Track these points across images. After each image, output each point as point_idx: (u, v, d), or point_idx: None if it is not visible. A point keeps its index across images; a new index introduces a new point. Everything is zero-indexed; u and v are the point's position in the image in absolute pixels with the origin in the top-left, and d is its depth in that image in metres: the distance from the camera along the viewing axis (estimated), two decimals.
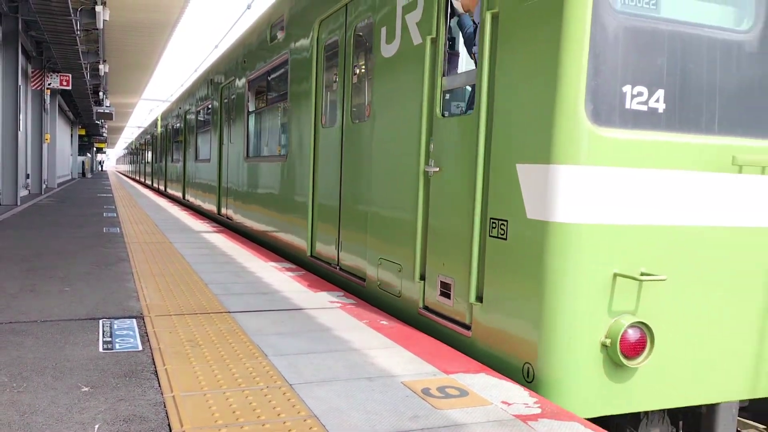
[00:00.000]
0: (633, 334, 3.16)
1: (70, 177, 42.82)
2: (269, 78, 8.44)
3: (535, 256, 3.24)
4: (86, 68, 20.95)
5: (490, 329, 3.56)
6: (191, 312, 4.44)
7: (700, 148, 3.30)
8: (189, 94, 15.73)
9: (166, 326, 4.03)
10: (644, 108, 3.22)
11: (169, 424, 2.53)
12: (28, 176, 19.90)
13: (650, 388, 3.28)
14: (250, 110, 9.35)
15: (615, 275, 3.19)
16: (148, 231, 9.57)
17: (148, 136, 29.31)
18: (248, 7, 17.16)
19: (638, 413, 3.47)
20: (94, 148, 67.79)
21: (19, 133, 15.80)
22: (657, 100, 3.24)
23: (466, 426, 2.61)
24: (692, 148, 3.28)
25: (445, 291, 4.04)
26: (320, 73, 6.42)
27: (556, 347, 3.16)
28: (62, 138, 34.91)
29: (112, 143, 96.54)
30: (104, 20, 14.51)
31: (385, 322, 4.32)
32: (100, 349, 3.51)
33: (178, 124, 17.59)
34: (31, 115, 20.37)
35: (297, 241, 6.96)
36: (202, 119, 13.66)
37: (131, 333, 3.85)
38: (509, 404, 2.88)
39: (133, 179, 44.55)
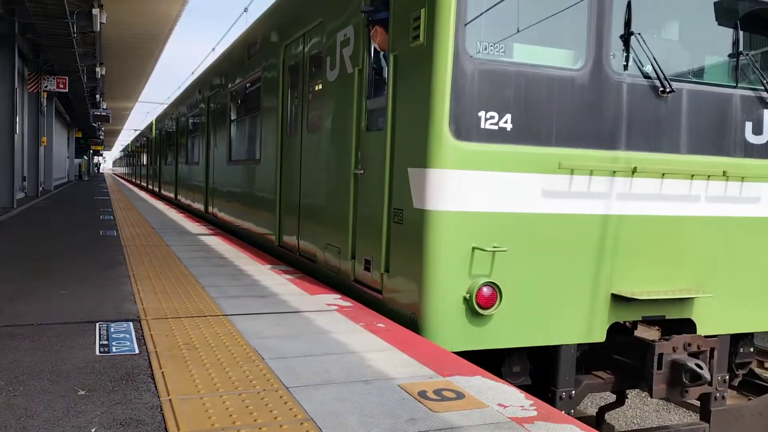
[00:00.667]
0: (486, 291, 4.26)
1: (66, 179, 42.74)
2: (246, 91, 9.47)
3: (418, 235, 4.34)
4: (83, 71, 20.93)
5: (392, 291, 4.69)
6: (188, 315, 4.44)
7: (538, 156, 4.39)
8: (180, 101, 16.87)
9: (162, 329, 4.03)
10: (495, 127, 4.29)
11: (165, 428, 2.53)
12: (24, 179, 19.86)
13: (501, 332, 4.35)
14: (231, 119, 10.34)
15: (473, 248, 4.26)
16: (144, 234, 9.56)
17: (144, 140, 30.81)
18: (245, 10, 17.17)
19: (503, 355, 4.56)
20: (91, 151, 67.66)
21: (16, 135, 15.78)
22: (506, 122, 4.32)
23: (463, 429, 2.62)
24: (532, 156, 4.37)
25: (367, 266, 5.12)
26: (285, 90, 7.47)
27: (431, 302, 4.26)
28: (59, 141, 34.85)
29: (108, 146, 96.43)
30: (101, 23, 14.51)
31: (381, 325, 4.32)
32: (97, 353, 3.50)
33: (170, 129, 18.62)
34: (28, 117, 20.34)
35: (268, 233, 8.03)
36: (191, 125, 14.66)
37: (128, 336, 3.85)
38: (505, 407, 2.89)
39: (129, 181, 45.51)
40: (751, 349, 5.40)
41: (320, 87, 6.34)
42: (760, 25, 4.97)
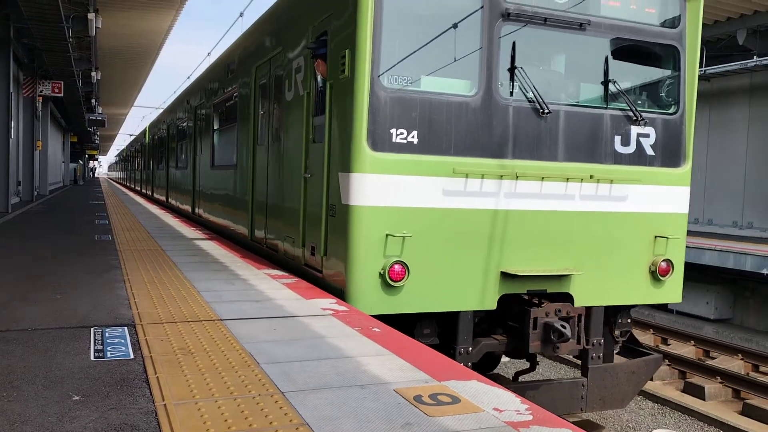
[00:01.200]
0: (397, 267, 5.30)
1: (62, 184, 42.61)
2: (226, 104, 10.48)
3: (345, 225, 5.38)
4: (78, 75, 20.89)
5: (329, 270, 5.74)
6: (183, 320, 4.43)
7: (438, 163, 5.44)
8: (171, 110, 18.15)
9: (157, 334, 4.02)
10: (404, 141, 5.36)
11: None
12: (19, 183, 19.79)
13: (410, 300, 5.40)
14: (214, 128, 11.38)
15: (386, 235, 5.32)
16: (140, 238, 9.53)
17: (138, 145, 32.26)
18: (241, 15, 17.19)
19: (413, 321, 5.63)
20: (86, 155, 67.50)
21: (11, 140, 15.73)
22: (413, 137, 5.38)
23: None
24: (433, 164, 5.42)
25: (312, 251, 6.18)
26: (257, 104, 8.44)
27: (354, 276, 5.30)
28: (54, 145, 34.76)
29: (104, 150, 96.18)
30: (96, 27, 14.49)
31: (377, 330, 4.32)
32: (92, 358, 3.49)
33: (162, 136, 19.78)
34: (23, 122, 20.28)
35: (242, 229, 9.04)
36: (180, 133, 15.77)
37: (123, 341, 3.84)
38: (501, 411, 2.89)
39: (124, 185, 46.14)
40: (629, 320, 6.59)
41: (281, 104, 7.37)
42: (625, 57, 6.18)
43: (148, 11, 16.62)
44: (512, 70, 5.67)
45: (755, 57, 14.61)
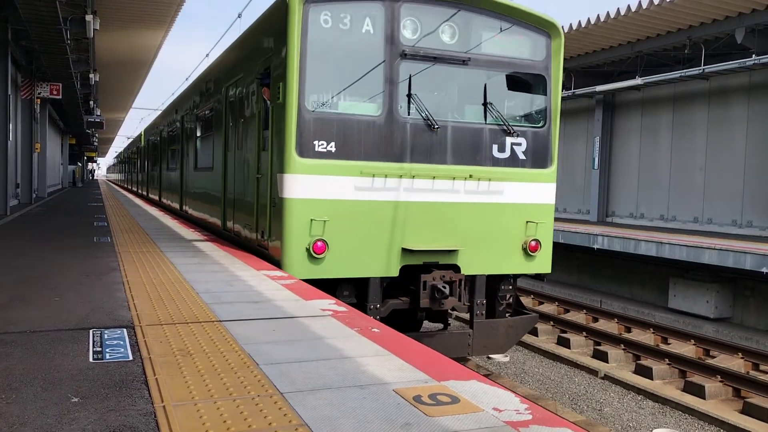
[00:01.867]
0: (319, 244, 6.93)
1: (60, 186, 42.57)
2: (206, 116, 12.07)
3: (281, 213, 7.03)
4: (76, 77, 20.87)
5: (272, 247, 7.40)
6: (182, 321, 4.42)
7: (350, 166, 7.05)
8: (163, 117, 19.85)
9: (156, 336, 4.01)
10: (324, 150, 6.99)
11: None
12: (18, 186, 19.77)
13: (330, 268, 7.03)
14: (197, 135, 13.02)
15: (311, 220, 6.94)
16: (139, 240, 9.52)
17: (134, 148, 34.39)
18: (239, 16, 17.18)
19: (336, 285, 7.20)
20: (85, 158, 67.43)
21: (9, 142, 15.71)
22: (331, 147, 7.00)
23: None
24: (347, 167, 7.04)
25: (262, 234, 7.81)
26: (227, 118, 10.03)
27: (287, 251, 6.95)
28: (52, 147, 34.72)
29: (102, 152, 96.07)
30: (94, 29, 14.47)
31: (376, 330, 4.32)
32: (90, 360, 3.48)
33: (155, 141, 21.45)
34: (21, 124, 20.26)
35: (217, 221, 10.63)
36: (171, 139, 17.37)
37: (122, 343, 3.83)
38: (500, 411, 2.89)
39: (122, 187, 47.94)
40: (510, 287, 8.23)
41: (243, 119, 8.97)
42: (503, 84, 7.86)
43: (144, 23, 16.60)
44: (409, 96, 7.33)
45: (754, 55, 14.61)
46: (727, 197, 16.65)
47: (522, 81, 8.00)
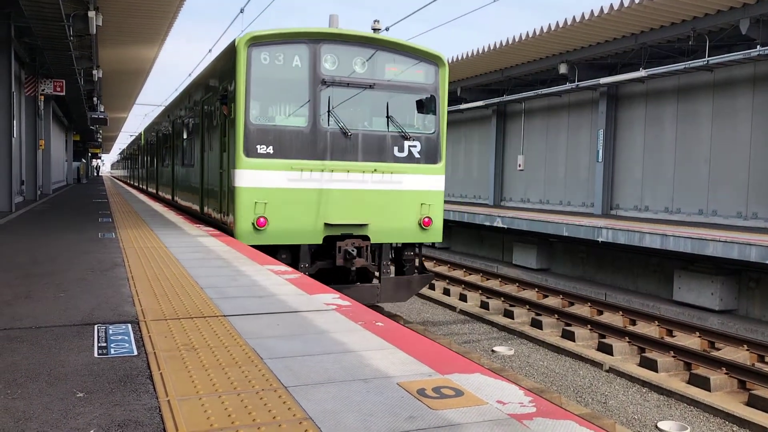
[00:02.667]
0: (261, 220, 9.36)
1: (65, 183, 42.67)
2: (190, 122, 14.45)
3: (233, 198, 9.47)
4: (80, 74, 20.88)
5: (229, 223, 9.68)
6: (187, 316, 4.43)
7: (284, 163, 9.49)
8: (159, 120, 22.63)
9: (161, 331, 4.02)
10: (264, 152, 9.42)
11: (164, 429, 2.52)
12: (23, 182, 19.82)
13: (270, 237, 9.41)
14: (184, 137, 15.47)
15: (255, 202, 9.35)
16: (143, 236, 9.55)
17: (135, 147, 38.88)
18: (241, 11, 17.15)
19: (276, 250, 9.54)
20: (89, 154, 67.50)
21: (13, 139, 15.74)
22: (270, 150, 9.42)
23: (462, 426, 2.61)
24: (281, 164, 9.49)
25: (225, 215, 10.19)
26: (203, 125, 12.54)
27: (238, 225, 9.38)
28: (57, 144, 34.78)
29: (107, 149, 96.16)
30: (97, 26, 14.47)
31: (380, 324, 4.32)
32: (95, 355, 3.50)
33: (152, 140, 24.42)
34: (25, 121, 20.28)
35: (197, 207, 13.16)
36: (164, 138, 20.11)
37: (126, 338, 3.84)
38: (504, 404, 2.89)
39: (125, 182, 51.45)
40: (411, 254, 10.81)
41: (213, 127, 11.43)
42: (403, 102, 10.33)
43: (146, 18, 16.63)
44: (328, 111, 9.80)
45: (758, 46, 14.52)
46: (732, 189, 16.59)
47: (417, 99, 10.41)
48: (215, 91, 11.04)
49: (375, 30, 11.01)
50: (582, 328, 11.62)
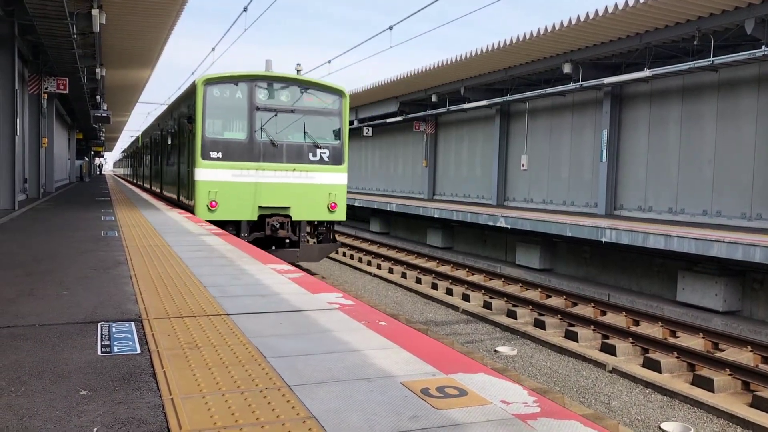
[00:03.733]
0: (213, 203, 13.82)
1: (68, 181, 42.74)
2: (173, 131, 18.20)
3: (194, 188, 13.99)
4: (83, 72, 20.90)
5: (192, 205, 14.26)
6: (190, 314, 4.43)
7: (230, 164, 14.03)
8: (153, 126, 26.59)
9: (164, 329, 4.02)
10: (216, 156, 13.96)
11: (167, 427, 2.52)
12: (26, 180, 19.86)
13: (220, 215, 13.85)
14: (168, 143, 19.51)
15: (208, 191, 13.83)
16: (146, 234, 9.55)
17: (134, 147, 44.69)
18: (244, 10, 17.16)
19: (225, 225, 13.71)
20: (92, 152, 67.63)
21: (17, 137, 15.77)
22: (219, 155, 14.01)
23: (466, 425, 2.60)
24: (227, 164, 14.03)
25: (190, 200, 14.49)
26: (181, 135, 16.29)
27: (197, 206, 13.88)
28: (60, 142, 34.84)
29: (109, 147, 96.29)
30: (100, 23, 14.48)
31: (383, 323, 4.31)
32: (99, 353, 3.49)
33: (148, 143, 29.09)
34: (29, 119, 20.32)
35: (175, 196, 17.10)
36: (157, 142, 24.15)
37: (129, 336, 3.84)
38: (508, 403, 2.88)
39: (126, 180, 54.58)
40: (323, 228, 15.18)
41: (186, 137, 15.24)
42: (317, 121, 14.73)
43: (149, 17, 16.65)
44: (261, 128, 14.01)
45: (764, 46, 14.47)
46: (736, 190, 16.54)
47: (326, 119, 14.70)
48: (184, 113, 15.63)
49: (297, 71, 14.92)
50: (585, 329, 11.59)
